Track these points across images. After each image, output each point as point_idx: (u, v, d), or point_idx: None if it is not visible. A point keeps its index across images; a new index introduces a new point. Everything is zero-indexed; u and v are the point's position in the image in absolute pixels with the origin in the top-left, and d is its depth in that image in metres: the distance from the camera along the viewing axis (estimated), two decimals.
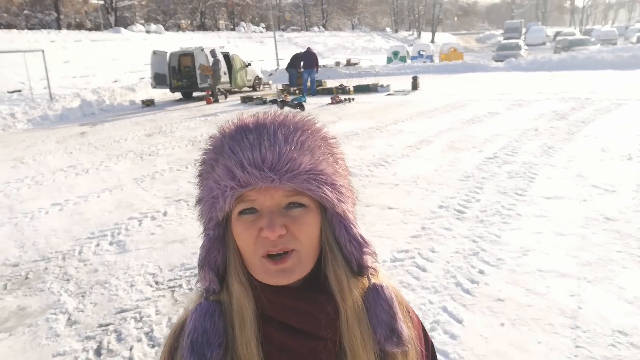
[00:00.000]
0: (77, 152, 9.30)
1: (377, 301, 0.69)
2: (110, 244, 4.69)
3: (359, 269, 0.70)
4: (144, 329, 3.18)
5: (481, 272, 3.53)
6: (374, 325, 0.69)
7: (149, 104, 16.63)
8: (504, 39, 41.87)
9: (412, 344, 0.71)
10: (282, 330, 0.68)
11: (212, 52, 17.25)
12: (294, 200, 0.66)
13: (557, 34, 45.23)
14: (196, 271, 0.70)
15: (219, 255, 0.69)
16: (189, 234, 4.77)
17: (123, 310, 3.43)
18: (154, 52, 17.74)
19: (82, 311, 3.47)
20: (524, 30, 52.81)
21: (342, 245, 0.69)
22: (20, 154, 9.36)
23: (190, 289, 3.70)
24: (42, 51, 16.21)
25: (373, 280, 0.71)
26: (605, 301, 3.06)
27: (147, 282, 3.86)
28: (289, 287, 0.68)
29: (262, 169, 0.64)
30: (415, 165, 6.70)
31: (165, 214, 5.44)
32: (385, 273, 0.76)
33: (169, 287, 3.75)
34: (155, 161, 8.09)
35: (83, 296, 3.70)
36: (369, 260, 0.70)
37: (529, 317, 2.95)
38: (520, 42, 30.78)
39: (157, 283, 3.83)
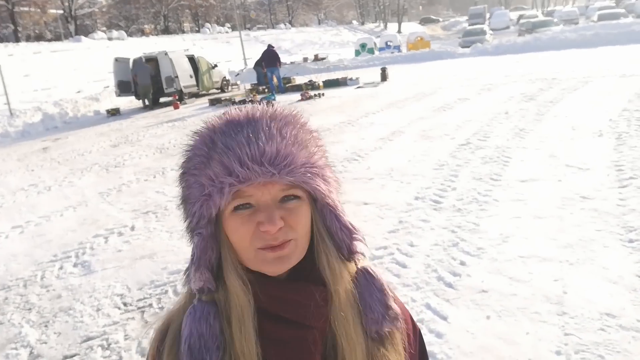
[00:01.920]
0: (39, 169, 8.91)
1: (370, 281, 0.71)
2: (75, 265, 4.44)
3: (349, 255, 0.72)
4: (112, 358, 2.97)
5: (462, 263, 3.42)
6: (370, 305, 0.70)
7: (114, 113, 16.16)
8: (469, 25, 42.21)
9: (401, 321, 0.72)
10: (272, 322, 0.68)
11: (136, 61, 16.82)
12: (289, 193, 0.66)
13: (520, 17, 45.76)
14: (166, 288, 0.66)
15: (213, 253, 0.68)
16: (157, 248, 4.55)
17: (89, 339, 3.21)
18: (116, 59, 17.24)
19: (45, 342, 3.24)
20: (487, 15, 53.35)
21: (333, 234, 0.71)
22: None
23: (162, 308, 3.49)
24: None
25: (360, 264, 0.72)
26: (590, 283, 2.98)
27: (114, 304, 3.63)
28: (278, 279, 0.68)
29: (262, 163, 0.64)
30: (389, 158, 6.59)
31: (132, 228, 5.20)
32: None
33: (139, 308, 3.53)
34: (121, 172, 7.79)
35: (46, 326, 3.45)
36: (358, 246, 0.72)
37: (514, 307, 2.85)
38: (485, 27, 31.09)
39: (125, 305, 3.61)
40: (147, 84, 16.57)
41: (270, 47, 16.69)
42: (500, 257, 3.44)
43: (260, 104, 0.73)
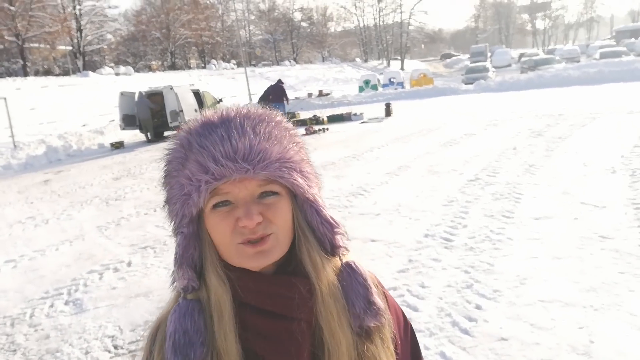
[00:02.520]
0: (39, 201, 8.76)
1: (353, 276, 0.71)
2: (66, 303, 4.21)
3: (332, 249, 0.72)
4: None
5: (478, 307, 3.19)
6: (353, 300, 0.70)
7: (118, 146, 16.15)
8: (471, 63, 42.80)
9: (386, 317, 0.72)
10: (257, 315, 0.68)
11: (139, 95, 17.07)
12: (266, 189, 0.67)
13: (522, 54, 46.50)
14: None
15: (195, 252, 0.69)
16: (154, 286, 4.33)
17: None
18: (122, 93, 17.35)
19: None
20: (489, 53, 54.21)
21: (314, 228, 0.71)
22: None
23: None
24: (5, 99, 15.66)
25: (345, 259, 0.73)
26: (618, 331, 2.74)
27: (104, 346, 3.40)
28: (263, 273, 0.69)
29: (236, 160, 0.65)
30: (396, 192, 6.41)
31: (129, 264, 4.98)
32: (354, 255, 0.76)
33: (130, 352, 3.29)
34: (121, 206, 7.62)
35: None
36: (340, 240, 0.72)
37: (538, 358, 2.60)
38: (488, 64, 31.45)
39: (116, 347, 3.37)
40: (146, 118, 16.71)
41: (279, 82, 16.71)
42: (519, 300, 3.21)
43: None
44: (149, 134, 17.02)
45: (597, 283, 3.32)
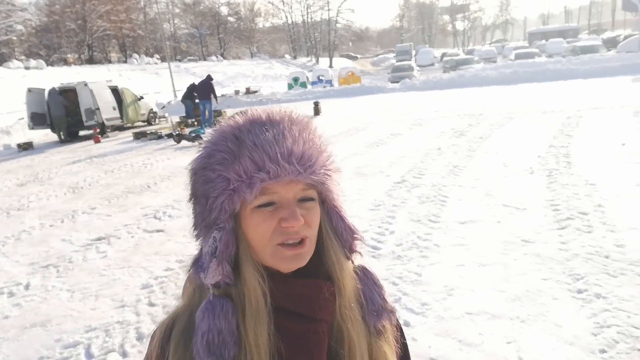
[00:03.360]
0: None
1: (369, 278, 0.76)
2: None
3: (349, 254, 0.76)
4: None
5: (406, 324, 3.05)
6: (372, 298, 0.75)
7: (26, 147, 14.81)
8: (397, 62, 43.85)
9: (395, 315, 0.79)
10: (283, 316, 0.70)
11: (52, 92, 15.88)
12: (307, 194, 0.70)
13: (444, 54, 48.33)
14: None
15: (233, 248, 0.70)
16: (53, 313, 3.84)
17: None
18: (29, 90, 15.94)
19: None
20: (413, 52, 55.88)
21: (338, 234, 0.75)
22: None
23: None
24: None
25: (357, 262, 0.77)
26: (545, 345, 2.70)
27: None
28: (287, 275, 0.71)
29: (292, 162, 0.67)
30: None
31: (27, 287, 4.43)
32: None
33: None
34: (24, 217, 6.88)
35: None
36: (358, 245, 0.77)
37: None
38: (412, 63, 32.25)
39: None
40: (60, 116, 15.53)
41: (209, 78, 16.01)
42: (447, 314, 3.11)
43: (188, 137, 0.96)
44: (61, 133, 15.80)
45: (522, 291, 3.30)
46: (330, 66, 52.69)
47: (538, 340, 2.74)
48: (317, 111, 16.02)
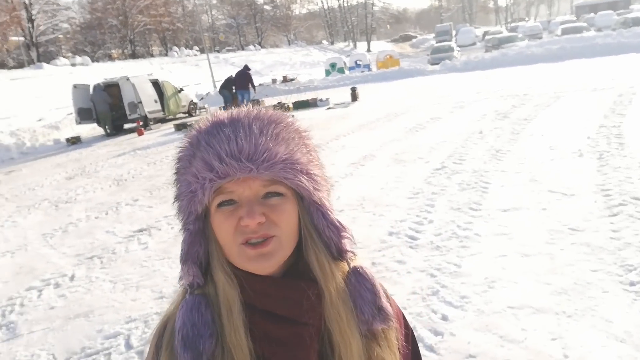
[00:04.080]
0: None
1: (361, 282, 0.72)
2: None
3: (339, 253, 0.72)
4: None
5: (444, 318, 2.95)
6: (361, 306, 0.71)
7: (74, 141, 15.39)
8: (436, 43, 42.73)
9: (393, 320, 0.73)
10: (265, 319, 0.68)
11: (96, 87, 16.35)
12: (271, 189, 0.67)
13: (486, 33, 46.66)
14: (99, 357, 1.53)
15: (200, 249, 0.70)
16: (96, 304, 3.95)
17: None
18: (75, 86, 16.52)
19: None
20: (454, 32, 54.27)
21: (320, 232, 0.71)
22: None
23: None
24: None
25: (353, 264, 0.73)
26: (594, 342, 2.54)
27: None
28: (271, 276, 0.69)
29: (240, 159, 0.66)
30: (360, 185, 6.13)
31: (72, 278, 4.57)
32: (362, 257, 0.76)
33: None
34: (71, 209, 7.13)
35: None
36: (347, 244, 0.73)
37: None
38: (452, 44, 31.34)
39: None
40: (104, 111, 16.04)
41: (246, 68, 16.08)
42: (488, 308, 2.98)
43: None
44: (107, 127, 16.32)
45: (569, 284, 3.11)
46: (368, 50, 51.99)
47: (586, 337, 2.58)
48: (354, 97, 15.83)
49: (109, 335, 3.43)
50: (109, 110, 16.20)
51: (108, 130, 16.35)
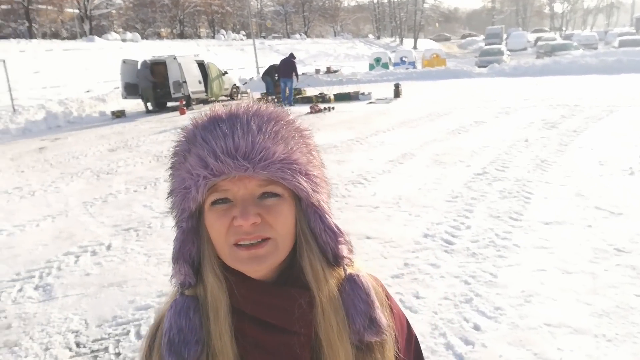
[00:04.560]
0: (30, 170, 8.48)
1: (355, 290, 0.69)
2: (36, 288, 3.94)
3: (335, 259, 0.69)
4: None
5: (476, 327, 2.87)
6: (353, 315, 0.68)
7: (119, 115, 15.80)
8: (486, 45, 41.73)
9: (389, 332, 0.70)
10: (255, 326, 0.66)
11: (142, 64, 16.77)
12: (267, 190, 0.65)
13: (538, 39, 45.26)
14: (129, 327, 1.48)
15: (193, 247, 0.68)
16: (130, 275, 4.03)
17: None
18: (124, 61, 16.93)
19: None
20: (505, 35, 52.88)
21: (317, 235, 0.69)
22: None
23: (118, 354, 2.97)
24: (3, 61, 15.26)
25: (349, 270, 0.70)
26: None
27: (66, 343, 3.11)
28: (262, 282, 0.67)
29: (236, 157, 0.63)
30: (397, 183, 6.05)
31: (109, 247, 4.69)
32: (361, 262, 0.75)
33: (91, 352, 3.01)
34: (112, 181, 7.32)
35: None
36: (344, 250, 0.70)
37: None
38: (503, 47, 30.54)
39: (78, 345, 3.09)
40: (146, 87, 16.41)
41: (291, 56, 16.08)
42: (523, 322, 2.88)
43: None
44: (148, 104, 16.69)
45: (611, 307, 2.98)
46: (415, 47, 51.25)
47: None
48: (397, 93, 15.65)
49: (140, 306, 3.49)
50: (151, 88, 16.55)
51: (149, 107, 16.71)
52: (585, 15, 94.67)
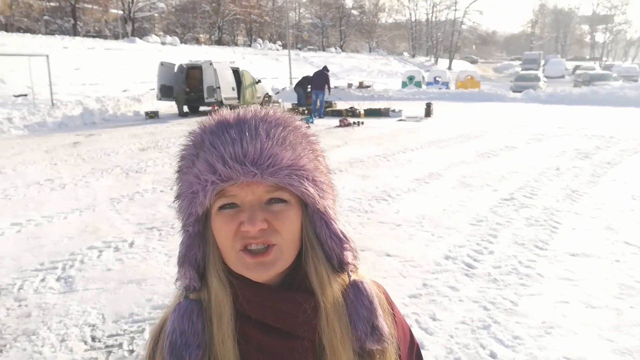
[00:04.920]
0: (63, 163, 8.73)
1: (358, 297, 0.70)
2: (58, 279, 4.02)
3: (340, 265, 0.70)
4: None
5: (493, 355, 2.79)
6: (355, 322, 0.69)
7: (152, 116, 16.16)
8: (522, 70, 41.23)
9: (391, 341, 0.71)
10: (259, 330, 0.67)
11: (179, 68, 17.07)
12: (275, 195, 0.65)
13: (577, 67, 44.55)
14: (144, 325, 1.45)
15: (199, 251, 0.69)
16: (150, 273, 4.09)
17: None
18: (162, 64, 17.33)
19: None
20: (542, 62, 52.17)
21: (322, 242, 0.69)
22: (1, 162, 8.81)
23: (131, 351, 3.00)
24: (47, 56, 15.81)
25: (353, 277, 0.71)
26: None
27: (82, 336, 3.16)
28: (267, 286, 0.67)
29: (244, 163, 0.64)
30: (422, 203, 5.99)
31: (131, 244, 4.77)
32: (365, 269, 0.75)
33: (106, 347, 3.05)
34: (140, 179, 7.46)
35: (1, 351, 3.01)
36: (349, 256, 0.70)
37: None
38: (539, 73, 30.15)
39: (93, 339, 3.13)
40: (180, 91, 16.70)
41: (325, 69, 16.17)
42: (541, 354, 2.79)
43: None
44: (180, 107, 16.96)
45: (636, 345, 2.86)
46: (449, 68, 51.02)
47: None
48: (428, 112, 15.57)
49: (157, 305, 3.53)
50: (184, 92, 16.87)
51: (181, 111, 17.02)
52: (627, 47, 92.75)
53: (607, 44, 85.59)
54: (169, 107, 18.67)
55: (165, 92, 17.20)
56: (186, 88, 16.86)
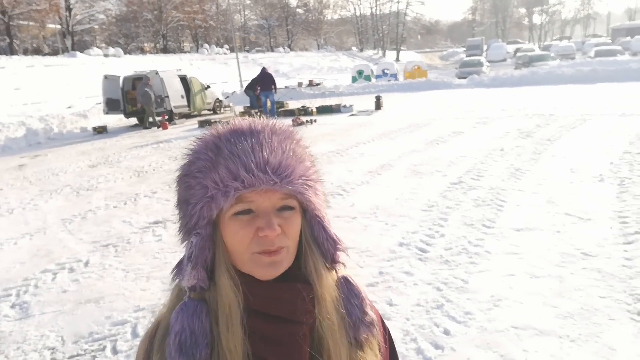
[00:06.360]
0: (8, 188, 8.42)
1: (350, 289, 0.76)
2: (13, 306, 3.92)
3: (331, 264, 0.76)
4: None
5: (446, 332, 2.95)
6: (349, 309, 0.75)
7: (100, 131, 15.72)
8: (466, 56, 42.41)
9: (377, 328, 0.77)
10: (262, 320, 0.71)
11: (144, 79, 16.13)
12: (286, 203, 0.71)
13: (517, 50, 46.14)
14: (105, 343, 1.40)
15: (209, 253, 0.72)
16: (108, 290, 4.04)
17: None
18: (105, 77, 16.89)
19: None
20: (485, 47, 53.82)
21: (320, 244, 0.75)
22: None
23: None
24: None
25: (340, 273, 0.78)
26: None
27: None
28: (270, 281, 0.71)
29: (267, 172, 0.69)
30: (375, 194, 6.14)
31: (86, 263, 4.69)
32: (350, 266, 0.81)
33: None
34: (91, 197, 7.30)
35: None
36: (341, 256, 0.77)
37: None
38: (482, 58, 31.07)
39: None
40: (148, 104, 15.71)
41: (264, 70, 16.25)
42: (491, 326, 2.97)
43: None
44: (150, 119, 15.96)
45: (576, 308, 3.08)
46: (397, 60, 51.90)
47: None
48: (378, 105, 15.84)
49: (116, 322, 3.51)
50: (151, 101, 15.74)
51: (149, 123, 16.03)
52: (563, 27, 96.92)
53: (544, 25, 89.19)
54: (118, 120, 18.21)
55: (112, 105, 16.77)
56: (152, 97, 15.93)
